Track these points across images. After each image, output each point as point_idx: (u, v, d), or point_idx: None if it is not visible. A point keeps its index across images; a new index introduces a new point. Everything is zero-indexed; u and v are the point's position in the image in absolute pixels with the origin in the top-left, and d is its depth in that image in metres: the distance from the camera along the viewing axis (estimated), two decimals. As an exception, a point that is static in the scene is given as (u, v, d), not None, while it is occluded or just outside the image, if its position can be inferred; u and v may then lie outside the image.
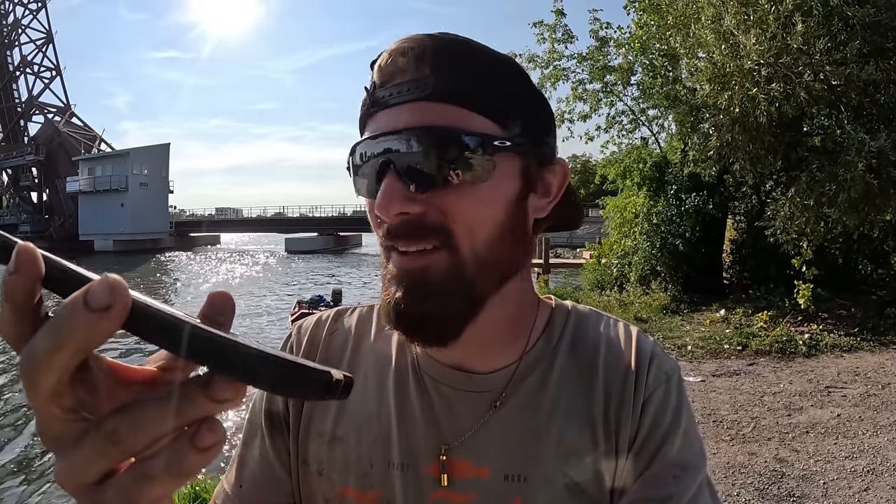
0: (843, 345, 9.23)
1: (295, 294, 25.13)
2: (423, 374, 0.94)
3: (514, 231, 0.84)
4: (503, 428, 0.89)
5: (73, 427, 0.39)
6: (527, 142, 0.83)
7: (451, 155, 0.77)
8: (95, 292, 0.34)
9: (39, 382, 0.37)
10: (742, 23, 9.54)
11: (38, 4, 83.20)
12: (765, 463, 5.48)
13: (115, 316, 0.34)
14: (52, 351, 0.36)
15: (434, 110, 0.78)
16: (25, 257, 0.36)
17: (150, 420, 0.37)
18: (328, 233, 65.30)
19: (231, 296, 0.44)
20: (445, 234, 0.79)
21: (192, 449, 0.37)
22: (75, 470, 0.39)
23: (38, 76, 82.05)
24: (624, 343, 0.95)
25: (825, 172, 9.75)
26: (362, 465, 0.92)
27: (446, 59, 0.80)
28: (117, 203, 63.70)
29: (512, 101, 0.83)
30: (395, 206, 0.77)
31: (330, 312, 1.09)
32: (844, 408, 6.72)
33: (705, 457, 0.90)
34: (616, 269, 15.60)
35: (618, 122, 16.40)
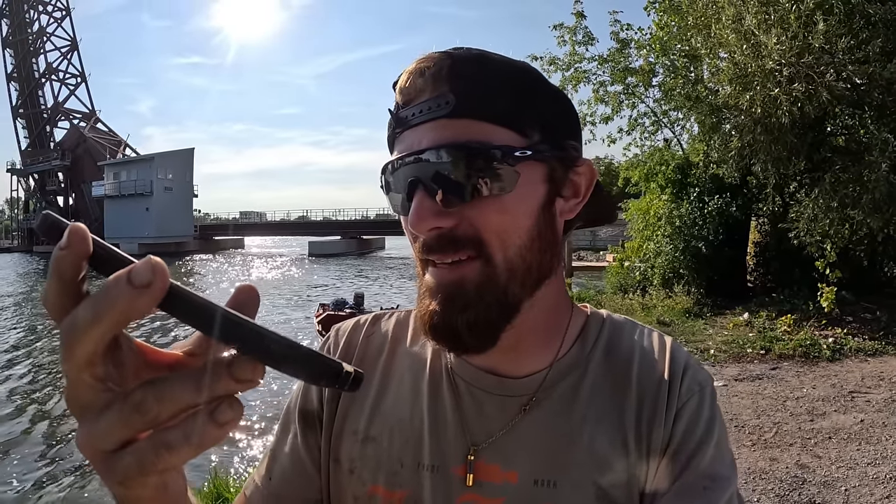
0: (867, 349, 9.07)
1: (318, 297, 25.22)
2: (456, 378, 0.96)
3: (542, 236, 0.86)
4: (533, 432, 0.89)
5: (101, 396, 0.42)
6: (548, 147, 0.84)
7: (474, 169, 0.79)
8: (139, 270, 0.38)
9: (77, 350, 0.40)
10: (763, 22, 9.47)
11: (63, 13, 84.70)
12: (786, 469, 5.40)
13: (154, 293, 0.38)
14: (94, 321, 0.39)
15: (454, 127, 0.80)
16: (77, 235, 0.39)
17: (177, 393, 0.41)
18: (351, 236, 65.70)
19: (256, 289, 0.47)
20: (478, 244, 0.81)
21: (212, 422, 0.41)
22: (98, 436, 0.43)
23: (64, 83, 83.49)
24: (658, 353, 0.95)
25: (849, 173, 9.66)
26: (392, 465, 0.93)
27: (462, 74, 0.82)
28: (142, 207, 64.64)
29: (530, 108, 0.85)
30: (428, 223, 0.80)
31: (368, 316, 1.11)
32: (868, 413, 6.61)
33: (736, 470, 0.89)
34: (639, 272, 15.50)
35: (640, 123, 16.29)
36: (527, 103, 0.85)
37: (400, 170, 0.83)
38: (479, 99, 0.81)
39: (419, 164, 0.81)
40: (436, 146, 0.80)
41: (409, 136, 0.83)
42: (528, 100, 0.85)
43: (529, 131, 0.83)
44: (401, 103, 0.86)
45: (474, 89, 0.82)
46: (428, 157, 0.80)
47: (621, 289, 16.06)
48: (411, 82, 0.84)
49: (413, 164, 0.81)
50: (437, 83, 0.82)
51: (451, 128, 0.80)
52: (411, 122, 0.83)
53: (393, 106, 0.88)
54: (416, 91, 0.83)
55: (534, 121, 0.84)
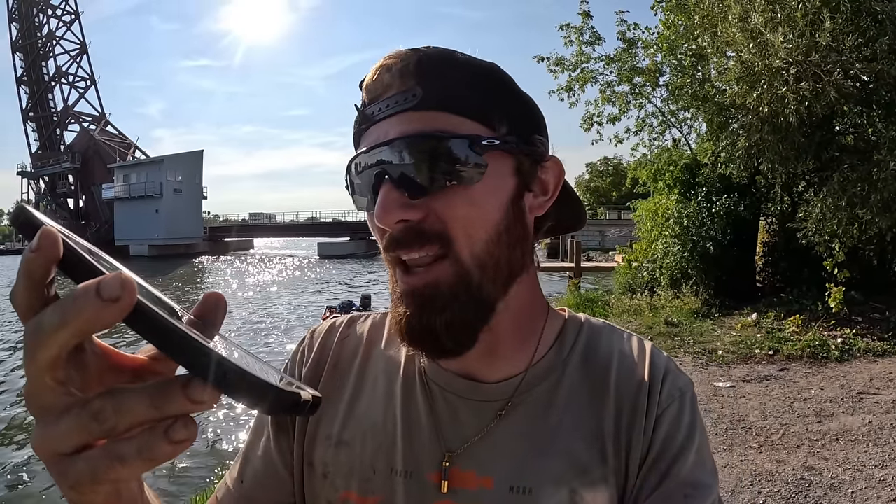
0: (876, 349, 9.01)
1: (327, 298, 25.25)
2: (429, 382, 0.94)
3: (510, 230, 0.84)
4: (508, 438, 0.88)
5: (61, 399, 0.42)
6: (516, 140, 0.83)
7: (441, 158, 0.78)
8: (108, 284, 0.38)
9: (40, 353, 0.41)
10: (770, 21, 9.43)
11: (72, 16, 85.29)
12: (793, 471, 5.35)
13: (120, 308, 0.38)
14: (58, 326, 0.39)
15: (421, 118, 0.79)
16: (47, 240, 0.39)
17: (134, 407, 0.41)
18: (360, 237, 65.70)
19: (223, 297, 0.49)
20: (446, 240, 0.80)
21: (165, 440, 0.41)
22: (54, 439, 0.43)
23: (73, 86, 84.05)
24: (637, 358, 0.93)
25: (857, 172, 9.60)
26: (365, 471, 0.92)
27: (430, 69, 0.81)
28: (152, 209, 64.99)
29: (497, 103, 0.84)
30: (394, 214, 0.78)
31: (344, 318, 1.10)
32: (876, 415, 6.55)
33: (717, 476, 0.88)
34: (647, 273, 15.46)
35: (647, 123, 16.31)
36: (494, 97, 0.84)
37: (365, 163, 0.82)
38: (446, 92, 0.81)
39: (384, 155, 0.80)
40: (401, 137, 0.79)
41: (375, 131, 0.82)
42: (494, 94, 0.85)
43: (497, 123, 0.82)
44: (367, 100, 0.85)
45: (442, 83, 0.81)
46: (393, 149, 0.79)
47: (629, 289, 16.02)
48: (378, 78, 0.83)
49: (377, 155, 0.80)
50: (404, 78, 0.81)
51: (417, 119, 0.79)
52: (377, 117, 0.82)
53: (359, 103, 0.87)
54: (383, 87, 0.82)
55: (501, 114, 0.83)
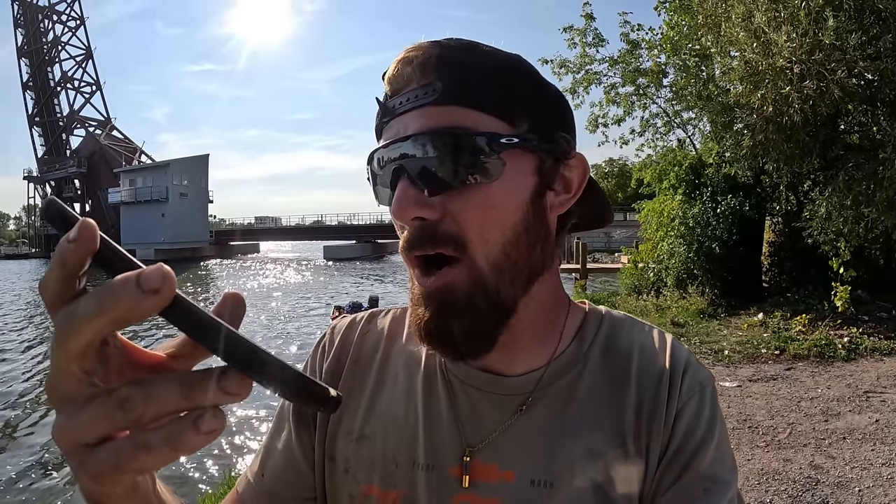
0: (883, 348, 8.99)
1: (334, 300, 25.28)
2: (450, 376, 0.94)
3: (530, 231, 0.83)
4: (530, 432, 0.88)
5: (85, 389, 0.42)
6: (537, 137, 0.82)
7: (459, 156, 0.78)
8: (150, 275, 0.39)
9: (72, 341, 0.40)
10: (773, 20, 9.42)
11: (77, 22, 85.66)
12: (799, 469, 5.35)
13: (160, 300, 0.39)
14: (95, 315, 0.39)
15: (441, 114, 0.79)
16: (86, 231, 0.40)
17: (164, 396, 0.41)
18: (366, 240, 66.14)
19: (242, 297, 0.47)
20: (460, 243, 0.80)
21: (193, 430, 0.41)
22: (77, 429, 0.43)
23: (79, 91, 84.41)
24: (658, 351, 0.93)
25: (862, 171, 9.58)
26: (387, 465, 0.92)
27: (450, 63, 0.81)
28: (158, 213, 65.17)
29: (519, 98, 0.83)
30: (410, 211, 0.79)
31: (364, 314, 1.10)
32: (883, 413, 6.55)
33: (737, 471, 0.87)
34: (653, 273, 15.44)
35: (652, 124, 16.30)
36: (515, 92, 0.84)
37: (385, 159, 0.83)
38: (467, 86, 0.80)
39: (403, 152, 0.80)
40: (419, 133, 0.79)
41: (395, 125, 0.83)
42: (517, 89, 0.84)
43: (518, 120, 0.82)
44: (389, 93, 0.85)
45: (462, 77, 0.81)
46: (411, 145, 0.79)
47: (635, 290, 16.01)
48: (399, 71, 0.83)
49: (396, 151, 0.81)
50: (424, 72, 0.81)
51: (436, 115, 0.79)
52: (398, 111, 0.82)
53: (381, 96, 0.87)
54: (404, 80, 0.83)
55: (522, 110, 0.82)
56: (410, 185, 0.79)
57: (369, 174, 0.88)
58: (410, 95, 0.81)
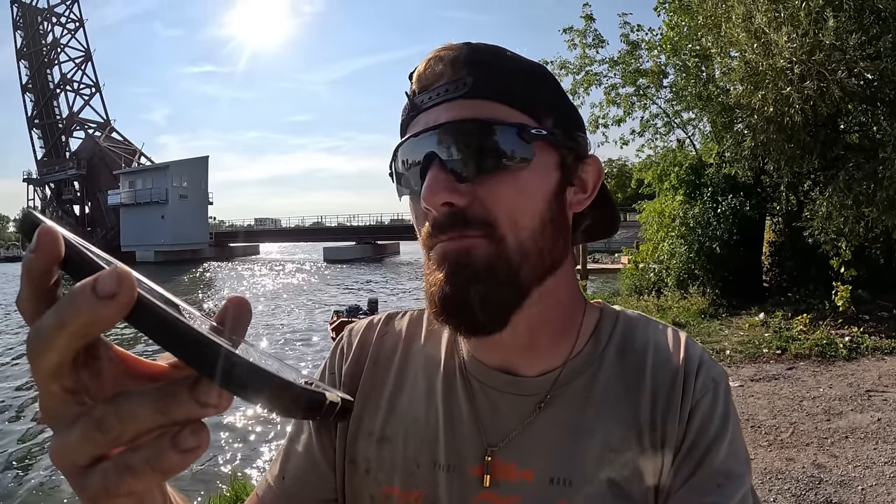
0: (884, 347, 8.98)
1: (334, 302, 25.27)
2: (469, 377, 0.95)
3: (554, 222, 0.86)
4: (547, 431, 0.89)
5: (72, 408, 0.40)
6: (562, 134, 0.86)
7: (490, 145, 0.80)
8: (103, 280, 0.36)
9: (42, 360, 0.38)
10: (773, 20, 9.43)
11: (77, 24, 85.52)
12: (802, 469, 5.37)
13: (118, 305, 0.36)
14: (56, 330, 0.37)
15: (472, 106, 0.82)
16: (45, 239, 0.37)
17: (137, 413, 0.39)
18: (366, 241, 66.11)
19: (247, 301, 0.46)
20: (489, 224, 0.81)
21: (173, 448, 0.38)
22: (67, 450, 0.40)
23: (78, 93, 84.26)
24: (672, 349, 0.94)
25: (863, 171, 9.58)
26: (408, 465, 0.93)
27: (480, 59, 0.84)
28: (158, 215, 65.04)
29: (544, 97, 0.87)
30: (442, 196, 0.80)
31: (381, 315, 1.12)
32: (885, 412, 6.55)
33: (750, 466, 0.88)
34: (654, 274, 15.44)
35: (652, 125, 16.28)
36: (541, 93, 0.87)
37: (414, 146, 0.84)
38: (496, 82, 0.83)
39: (435, 139, 0.82)
40: (452, 121, 0.81)
41: (424, 118, 0.85)
42: (542, 90, 0.87)
43: (543, 116, 0.85)
44: (417, 90, 0.87)
45: (492, 73, 0.84)
46: (443, 133, 0.81)
47: (636, 290, 15.99)
48: (429, 68, 0.86)
49: (428, 139, 0.82)
50: (455, 67, 0.83)
51: (468, 107, 0.82)
52: (427, 105, 0.85)
53: (409, 91, 0.89)
54: (435, 76, 0.85)
55: (547, 108, 0.86)
56: (441, 171, 0.81)
57: (393, 167, 0.90)
58: (440, 90, 0.84)
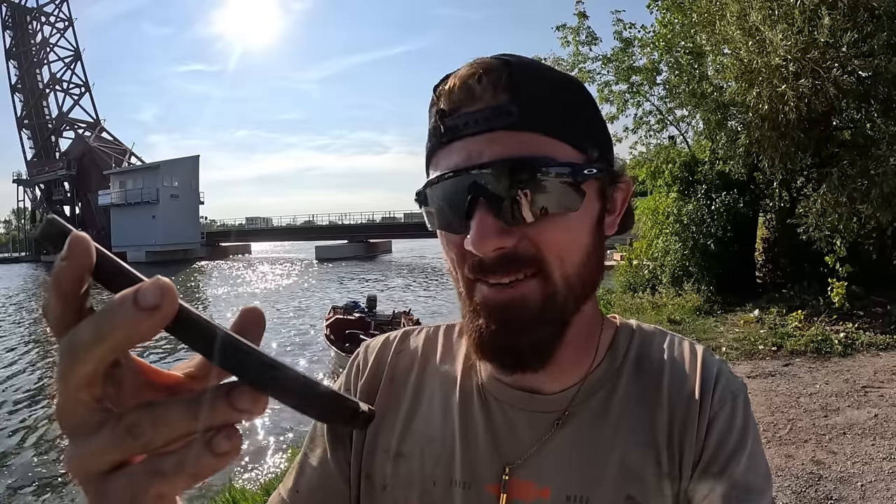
0: (879, 343, 9.02)
1: (327, 300, 25.22)
2: (487, 395, 0.95)
3: (596, 252, 0.85)
4: (565, 448, 0.88)
5: (96, 416, 0.40)
6: (604, 164, 0.82)
7: (543, 187, 0.76)
8: (146, 292, 0.35)
9: (76, 370, 0.37)
10: (768, 18, 9.48)
11: (66, 23, 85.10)
12: (802, 465, 5.40)
13: (161, 317, 0.35)
14: (95, 341, 0.36)
15: (520, 140, 0.76)
16: (78, 246, 0.37)
17: (172, 419, 0.38)
18: (358, 240, 65.94)
19: (261, 312, 0.45)
20: (539, 262, 0.79)
21: (208, 452, 0.38)
22: (88, 457, 0.40)
23: (68, 93, 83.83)
24: (689, 362, 0.93)
25: (856, 167, 9.63)
26: (425, 482, 0.92)
27: (522, 83, 0.78)
28: (149, 215, 64.72)
29: (585, 123, 0.83)
30: (492, 242, 0.76)
31: (398, 333, 1.10)
32: (882, 408, 6.59)
33: (771, 480, 0.87)
34: (648, 271, 15.47)
35: (645, 122, 16.28)
36: (582, 118, 0.83)
37: (456, 184, 0.78)
38: (541, 111, 0.78)
39: (481, 179, 0.76)
40: (502, 160, 0.75)
41: (464, 148, 0.78)
42: (582, 114, 0.83)
43: (588, 147, 0.81)
44: (448, 109, 0.80)
45: (536, 101, 0.78)
46: (491, 173, 0.75)
47: (631, 288, 16.01)
48: (463, 87, 0.79)
49: (474, 178, 0.76)
50: (496, 91, 0.77)
51: (515, 141, 0.76)
52: (464, 132, 0.78)
53: (435, 111, 0.83)
54: (471, 98, 0.78)
55: (590, 136, 0.82)
56: (489, 215, 0.76)
57: (427, 198, 0.84)
58: (479, 117, 0.77)
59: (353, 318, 15.62)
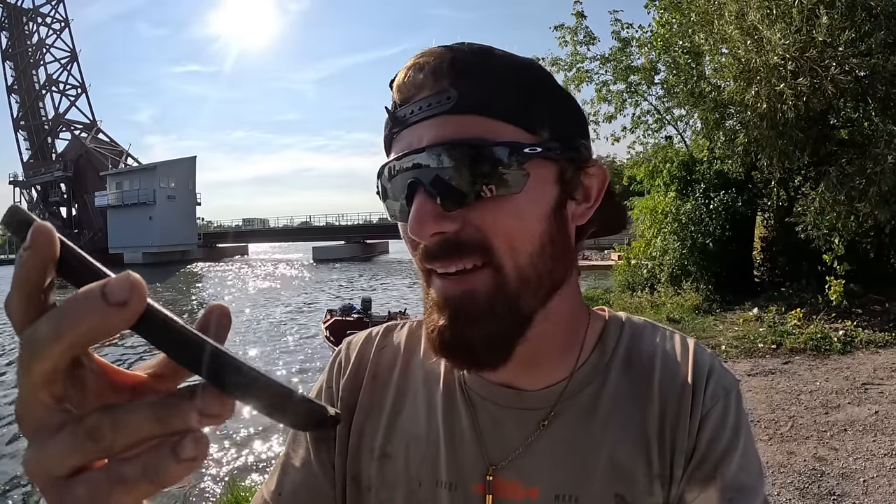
0: (878, 341, 9.10)
1: (325, 302, 25.18)
2: (470, 393, 0.93)
3: (554, 242, 0.80)
4: (553, 446, 0.86)
5: (56, 417, 0.38)
6: (559, 146, 0.79)
7: (480, 168, 0.73)
8: (115, 286, 0.34)
9: (35, 367, 0.36)
10: (766, 17, 9.51)
11: (62, 24, 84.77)
12: (804, 462, 5.43)
13: (128, 313, 0.34)
14: (56, 337, 0.35)
15: (458, 123, 0.75)
16: (41, 236, 0.36)
17: (134, 422, 0.37)
18: (355, 241, 65.89)
19: (228, 309, 0.44)
20: (485, 250, 0.76)
21: (173, 458, 0.37)
22: (48, 460, 0.38)
23: (64, 94, 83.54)
24: (681, 357, 0.90)
25: (854, 166, 9.66)
26: (410, 483, 0.90)
27: (466, 68, 0.77)
28: (146, 216, 64.49)
29: (538, 105, 0.79)
30: (429, 227, 0.75)
31: (380, 328, 1.08)
32: (882, 404, 6.63)
33: (764, 477, 0.86)
34: (647, 270, 15.50)
35: (643, 121, 16.33)
36: (534, 99, 0.79)
37: (397, 171, 0.78)
38: (484, 94, 0.76)
39: (418, 164, 0.76)
40: (436, 143, 0.74)
41: (408, 135, 0.78)
42: (535, 95, 0.80)
43: (538, 128, 0.78)
44: (399, 101, 0.81)
45: (478, 84, 0.76)
46: (428, 156, 0.75)
47: (629, 287, 16.03)
48: (410, 78, 0.79)
49: (412, 164, 0.76)
50: (437, 78, 0.77)
51: (453, 124, 0.75)
52: (410, 120, 0.78)
53: (391, 105, 0.83)
54: (416, 87, 0.78)
55: (542, 117, 0.79)
56: (428, 200, 0.75)
57: (380, 188, 0.84)
58: (423, 104, 0.77)
59: (350, 320, 15.70)
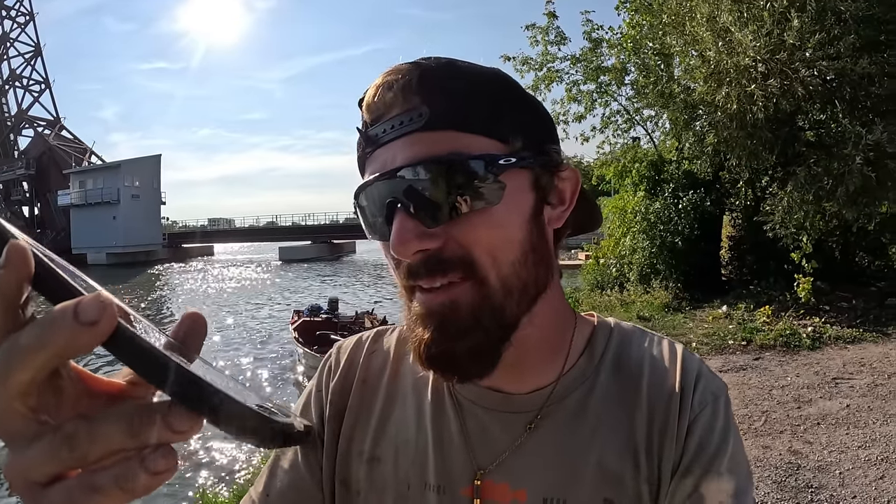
0: (846, 336, 9.29)
1: (293, 301, 25.07)
2: (458, 397, 0.94)
3: (535, 248, 0.81)
4: (541, 449, 0.87)
5: (32, 426, 0.40)
6: (532, 153, 0.80)
7: (457, 183, 0.74)
8: (86, 306, 0.36)
9: (12, 379, 0.38)
10: (738, 20, 9.66)
11: (27, 17, 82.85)
12: (779, 455, 5.53)
13: (98, 332, 0.36)
14: (32, 351, 0.37)
15: (432, 140, 0.75)
16: (16, 255, 0.37)
17: (109, 434, 0.39)
18: (322, 241, 65.36)
19: (203, 316, 0.46)
20: (468, 264, 0.77)
21: (143, 470, 0.38)
22: (25, 467, 0.40)
23: (28, 90, 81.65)
24: (669, 362, 0.91)
25: (822, 167, 9.85)
26: (399, 487, 0.91)
27: (435, 84, 0.77)
28: (109, 216, 63.34)
29: (509, 115, 0.81)
30: (412, 245, 0.75)
31: (371, 333, 1.09)
32: (853, 398, 6.77)
33: (752, 480, 0.86)
34: (615, 269, 15.64)
35: (612, 121, 16.42)
36: (504, 109, 0.81)
37: (375, 192, 0.78)
38: (454, 109, 0.77)
39: (395, 184, 0.76)
40: (412, 162, 0.75)
41: (382, 155, 0.78)
42: (504, 105, 0.81)
43: (511, 138, 0.79)
44: (369, 121, 0.81)
45: (448, 99, 0.77)
46: (404, 175, 0.75)
47: (598, 286, 16.16)
48: (379, 97, 0.79)
49: (388, 184, 0.76)
50: (407, 95, 0.77)
51: (426, 141, 0.75)
52: (382, 140, 0.78)
53: (361, 124, 0.83)
54: (386, 106, 0.79)
55: (513, 126, 0.80)
56: (408, 218, 0.75)
57: (357, 208, 0.83)
58: (395, 122, 0.77)
59: (318, 320, 15.74)
